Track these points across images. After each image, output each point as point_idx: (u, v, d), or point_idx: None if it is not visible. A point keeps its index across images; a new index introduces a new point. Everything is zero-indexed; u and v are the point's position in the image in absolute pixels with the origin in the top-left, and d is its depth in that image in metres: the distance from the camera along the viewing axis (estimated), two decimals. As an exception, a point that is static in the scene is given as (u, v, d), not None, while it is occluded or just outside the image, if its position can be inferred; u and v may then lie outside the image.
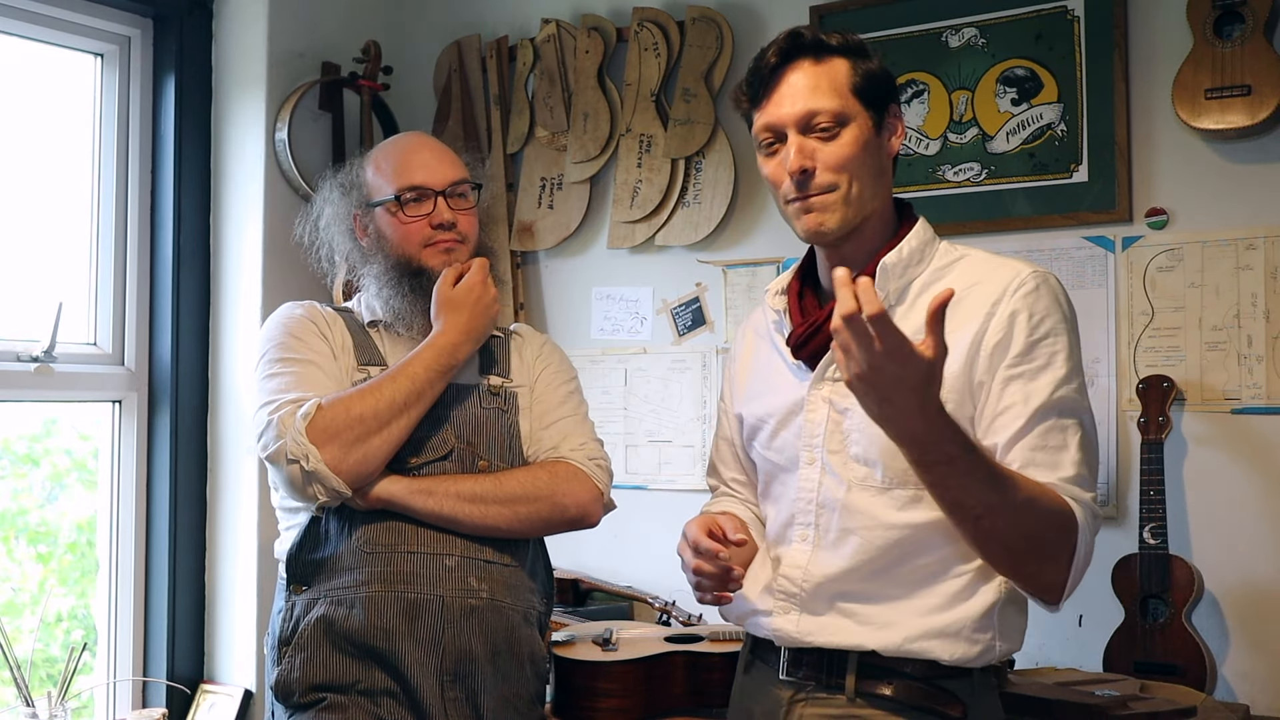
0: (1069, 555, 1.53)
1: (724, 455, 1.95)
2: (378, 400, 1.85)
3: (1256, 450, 2.36)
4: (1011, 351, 1.59)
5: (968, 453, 1.45)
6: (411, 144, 2.07)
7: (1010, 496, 1.48)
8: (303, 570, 1.92)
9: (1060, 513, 1.52)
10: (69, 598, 2.99)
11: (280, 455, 1.82)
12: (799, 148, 1.63)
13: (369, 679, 1.87)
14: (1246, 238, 2.39)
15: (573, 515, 1.97)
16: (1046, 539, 1.52)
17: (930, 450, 1.44)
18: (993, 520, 1.49)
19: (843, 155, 1.63)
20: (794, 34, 1.67)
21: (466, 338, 1.95)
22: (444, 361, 1.91)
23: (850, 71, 1.65)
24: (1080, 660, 2.42)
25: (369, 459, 1.84)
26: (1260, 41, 2.32)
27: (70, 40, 2.90)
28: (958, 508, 1.50)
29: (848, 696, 1.64)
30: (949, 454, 1.44)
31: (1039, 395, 1.57)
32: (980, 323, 1.61)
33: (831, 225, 1.65)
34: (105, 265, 2.95)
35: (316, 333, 1.99)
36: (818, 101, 1.63)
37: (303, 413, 1.83)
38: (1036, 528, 1.51)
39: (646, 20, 3.01)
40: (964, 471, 1.45)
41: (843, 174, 1.63)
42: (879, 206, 1.69)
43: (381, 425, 1.84)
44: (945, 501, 1.51)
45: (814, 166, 1.63)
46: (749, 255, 2.93)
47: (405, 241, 1.99)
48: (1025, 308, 1.59)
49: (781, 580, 1.70)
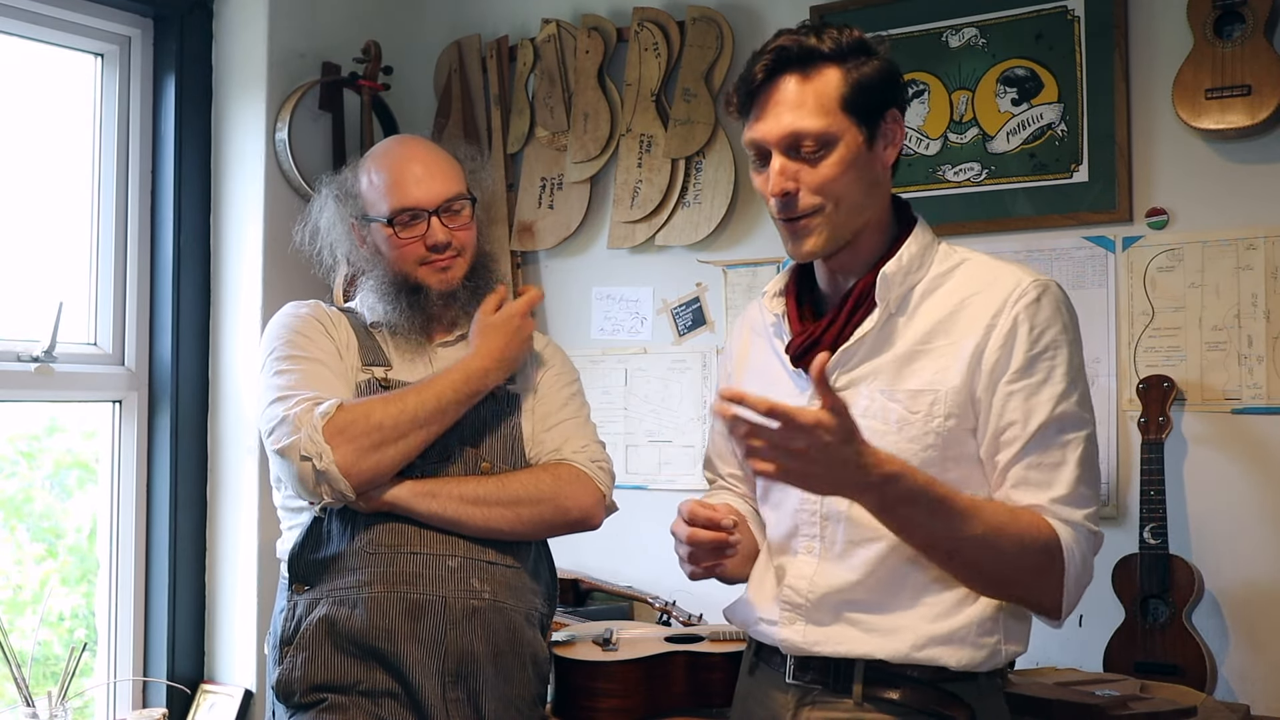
0: (1058, 576, 1.53)
1: (721, 451, 1.94)
2: (399, 411, 1.85)
3: (1256, 450, 2.36)
4: (1012, 366, 1.58)
5: (926, 488, 1.48)
6: (402, 157, 2.03)
7: (977, 528, 1.49)
8: (305, 570, 1.92)
9: (1037, 537, 1.52)
10: (71, 597, 2.99)
11: (294, 450, 1.82)
12: (781, 170, 1.60)
13: (370, 679, 1.87)
14: (1246, 238, 2.39)
15: (575, 517, 1.97)
16: (1028, 564, 1.53)
17: (886, 494, 1.47)
18: (965, 554, 1.51)
19: (826, 178, 1.60)
20: (781, 46, 1.62)
21: (498, 365, 1.95)
22: (472, 386, 1.91)
23: (841, 82, 1.60)
24: (1080, 660, 2.42)
25: (381, 467, 1.84)
26: (1260, 41, 2.32)
27: (70, 40, 2.90)
28: (931, 547, 1.53)
29: (855, 701, 1.63)
30: (907, 490, 1.47)
31: (1040, 413, 1.56)
32: (981, 335, 1.60)
33: (818, 248, 1.64)
34: (105, 265, 2.95)
35: (323, 332, 1.99)
36: (802, 122, 1.58)
37: (321, 411, 1.83)
38: (1010, 554, 1.52)
39: (647, 20, 3.01)
40: (926, 509, 1.48)
41: (827, 196, 1.61)
42: (873, 217, 1.67)
43: (399, 436, 1.84)
44: (915, 542, 1.53)
45: (796, 189, 1.61)
46: (749, 255, 2.93)
47: (401, 260, 2.00)
48: (1026, 319, 1.58)
49: (787, 591, 1.68)
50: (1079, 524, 1.56)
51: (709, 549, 1.63)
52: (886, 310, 1.64)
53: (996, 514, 1.52)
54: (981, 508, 1.51)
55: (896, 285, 1.65)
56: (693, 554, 1.65)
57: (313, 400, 1.86)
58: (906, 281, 1.66)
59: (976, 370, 1.59)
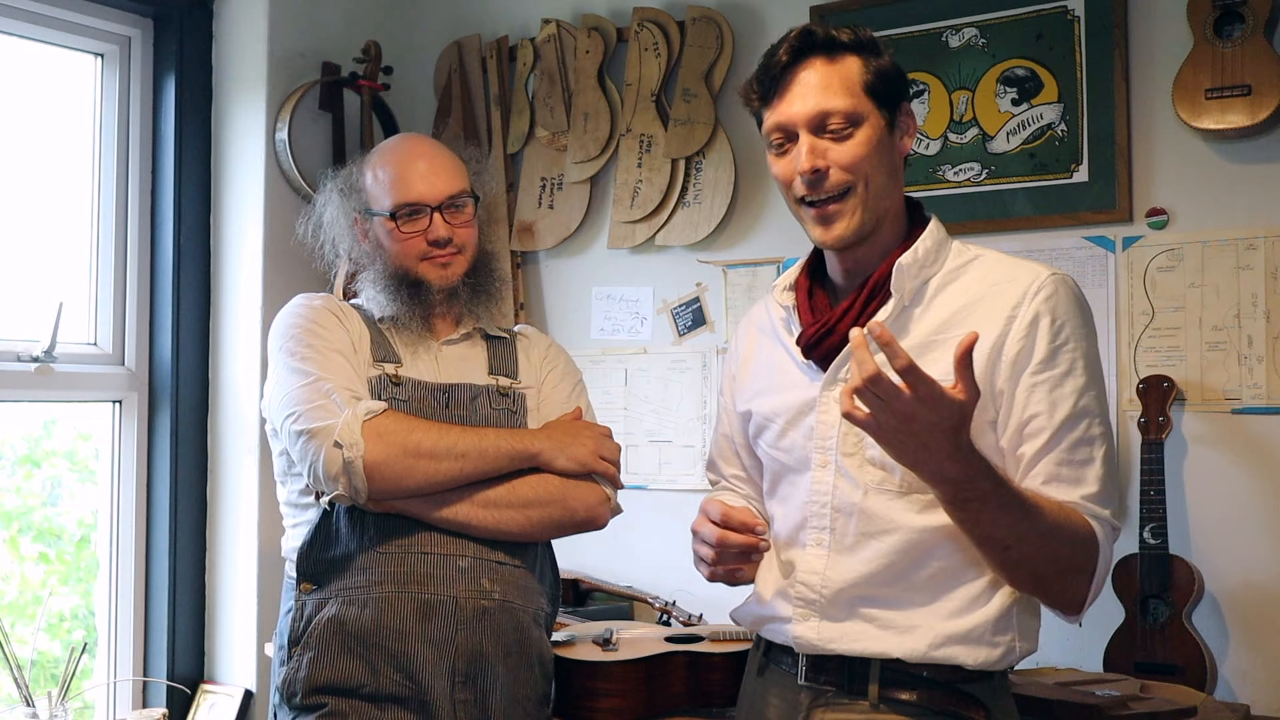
0: (1091, 573, 1.55)
1: (724, 451, 1.94)
2: (439, 438, 1.85)
3: (1256, 450, 2.36)
4: (1035, 358, 1.58)
5: (999, 487, 1.47)
6: (408, 153, 2.04)
7: (1038, 525, 1.50)
8: (313, 569, 1.91)
9: (1083, 534, 1.54)
10: (71, 597, 2.99)
11: (327, 434, 1.81)
12: (810, 147, 1.61)
13: (377, 681, 1.86)
14: (1246, 238, 2.39)
15: (582, 518, 1.97)
16: (1071, 561, 1.54)
17: (964, 489, 1.46)
18: (1022, 549, 1.51)
19: (856, 155, 1.62)
20: (806, 31, 1.65)
21: (555, 452, 1.94)
22: (517, 448, 1.91)
23: (863, 69, 1.63)
24: (1080, 660, 2.42)
25: (405, 480, 1.83)
26: (1260, 41, 2.32)
27: (70, 40, 2.90)
28: (988, 540, 1.52)
29: (870, 703, 1.62)
30: (982, 491, 1.46)
31: (1064, 405, 1.57)
32: (1001, 327, 1.60)
33: (849, 231, 1.64)
34: (105, 265, 2.96)
35: (337, 323, 1.99)
36: (830, 101, 1.61)
37: (367, 407, 1.83)
38: (1062, 551, 1.53)
39: (647, 20, 3.01)
40: (997, 506, 1.48)
41: (857, 174, 1.62)
42: (892, 206, 1.68)
43: (433, 459, 1.84)
44: (976, 535, 1.52)
45: (827, 167, 1.61)
46: (749, 255, 2.93)
47: (402, 255, 2.00)
48: (1047, 312, 1.59)
49: (799, 586, 1.67)
50: (1107, 520, 1.57)
51: (737, 553, 1.63)
52: (901, 302, 1.64)
53: (1053, 511, 1.52)
54: (1042, 504, 1.52)
55: (912, 277, 1.65)
56: (719, 555, 1.65)
57: (351, 392, 1.86)
58: (921, 274, 1.66)
59: (997, 362, 1.59)
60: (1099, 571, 1.56)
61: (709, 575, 1.68)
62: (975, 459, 1.44)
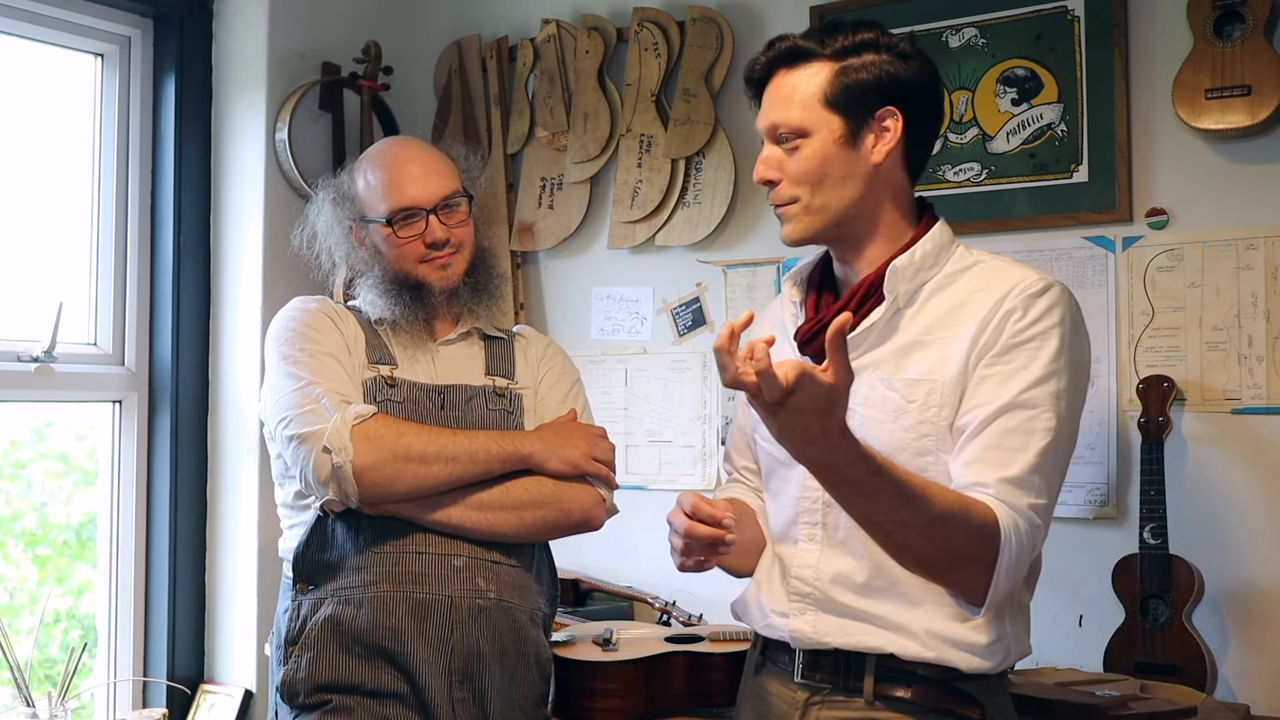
0: (989, 565, 1.50)
1: (737, 443, 1.96)
2: (429, 442, 1.85)
3: (1256, 450, 2.36)
4: (993, 350, 1.58)
5: (873, 475, 1.43)
6: (398, 157, 2.04)
7: (923, 514, 1.46)
8: (309, 569, 1.91)
9: (981, 525, 1.49)
10: (67, 598, 2.99)
11: (316, 439, 1.81)
12: (764, 159, 1.70)
13: (376, 679, 1.87)
14: (1246, 238, 2.39)
15: (577, 519, 1.97)
16: (963, 552, 1.50)
17: (833, 473, 1.44)
18: (904, 535, 1.49)
19: (800, 169, 1.67)
20: (772, 43, 1.71)
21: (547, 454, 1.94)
22: (508, 451, 1.91)
23: (830, 79, 1.65)
24: (1080, 660, 2.42)
25: (394, 484, 1.83)
26: (1260, 41, 2.32)
27: (70, 40, 2.90)
28: (868, 523, 1.50)
29: (866, 700, 1.63)
30: (852, 478, 1.43)
31: (1006, 395, 1.55)
32: (978, 325, 1.60)
33: (794, 234, 1.71)
34: (105, 265, 2.96)
35: (332, 326, 1.99)
36: (779, 114, 1.67)
37: (357, 411, 1.83)
38: (952, 541, 1.50)
39: (647, 20, 3.01)
40: (869, 492, 1.45)
41: (801, 186, 1.67)
42: (872, 211, 1.69)
43: (422, 463, 1.84)
44: (854, 516, 1.51)
45: (778, 178, 1.69)
46: (749, 255, 2.93)
47: (400, 259, 2.01)
48: (1020, 308, 1.59)
49: (794, 581, 1.69)
50: (1023, 510, 1.52)
51: (704, 544, 1.63)
52: (894, 303, 1.65)
53: (945, 500, 1.48)
54: (931, 493, 1.48)
55: (906, 280, 1.66)
56: (687, 546, 1.64)
57: (341, 396, 1.86)
58: (917, 278, 1.67)
59: (969, 357, 1.60)
60: (1003, 565, 1.50)
61: (679, 565, 1.68)
62: (846, 446, 1.40)
